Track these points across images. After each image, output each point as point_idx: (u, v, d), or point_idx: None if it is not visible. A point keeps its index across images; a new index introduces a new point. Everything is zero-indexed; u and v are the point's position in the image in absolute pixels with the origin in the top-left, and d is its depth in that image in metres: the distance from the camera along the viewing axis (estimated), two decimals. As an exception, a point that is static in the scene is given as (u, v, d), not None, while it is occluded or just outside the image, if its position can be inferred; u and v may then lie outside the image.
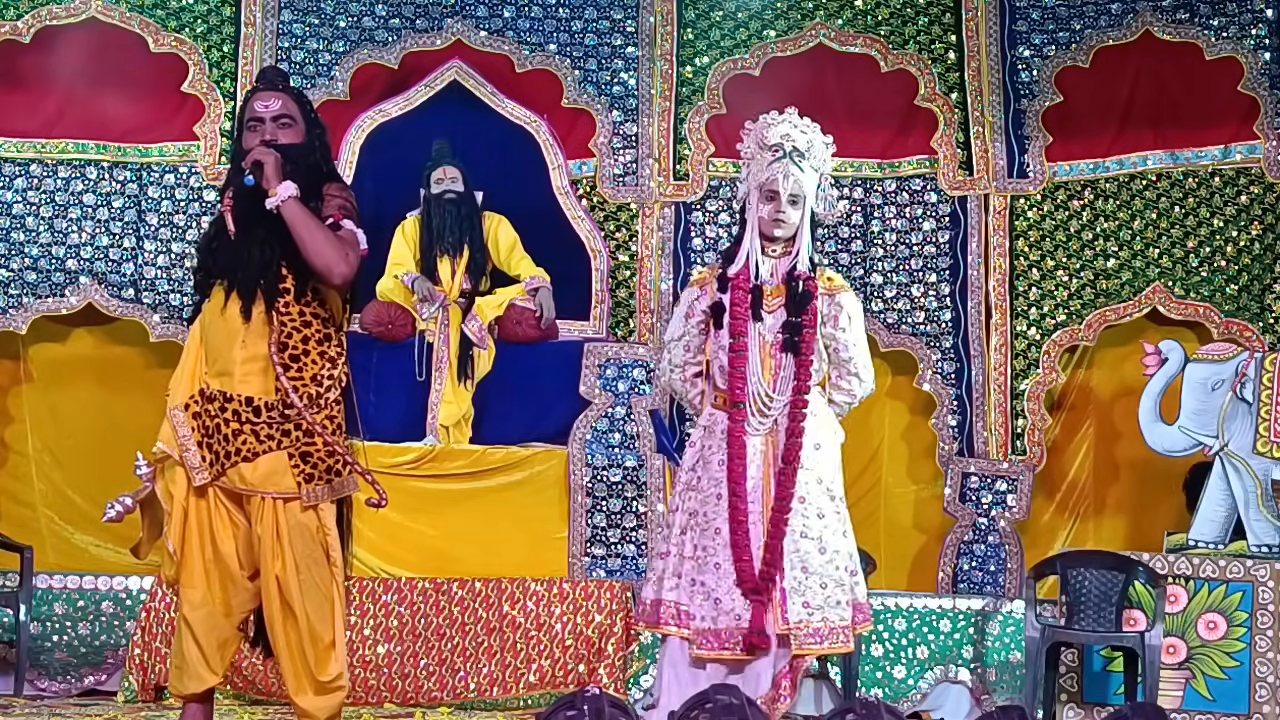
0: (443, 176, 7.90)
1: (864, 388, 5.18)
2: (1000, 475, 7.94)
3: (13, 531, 7.54)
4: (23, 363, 8.20)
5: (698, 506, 5.03)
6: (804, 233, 5.06)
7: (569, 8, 8.45)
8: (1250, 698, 6.55)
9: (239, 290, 4.62)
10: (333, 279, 4.60)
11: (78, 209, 8.10)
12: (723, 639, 4.92)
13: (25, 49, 8.10)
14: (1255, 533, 6.84)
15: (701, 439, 5.10)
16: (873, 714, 3.44)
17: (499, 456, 7.43)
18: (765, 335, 5.03)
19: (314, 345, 4.65)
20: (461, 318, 7.73)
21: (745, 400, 4.99)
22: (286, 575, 4.61)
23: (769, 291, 5.05)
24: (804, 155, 5.09)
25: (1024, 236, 8.14)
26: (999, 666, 7.15)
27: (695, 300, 5.16)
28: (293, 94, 4.82)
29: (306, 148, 4.75)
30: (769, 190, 5.04)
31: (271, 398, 4.60)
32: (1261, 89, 7.80)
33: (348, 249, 4.62)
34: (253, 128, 4.73)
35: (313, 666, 4.64)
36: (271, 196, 4.56)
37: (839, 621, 4.92)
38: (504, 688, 6.91)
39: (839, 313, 5.07)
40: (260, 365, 4.62)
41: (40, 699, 6.98)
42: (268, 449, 4.61)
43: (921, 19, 8.33)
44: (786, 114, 5.19)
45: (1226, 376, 7.02)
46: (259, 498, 4.63)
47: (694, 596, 4.97)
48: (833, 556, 4.94)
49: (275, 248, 4.59)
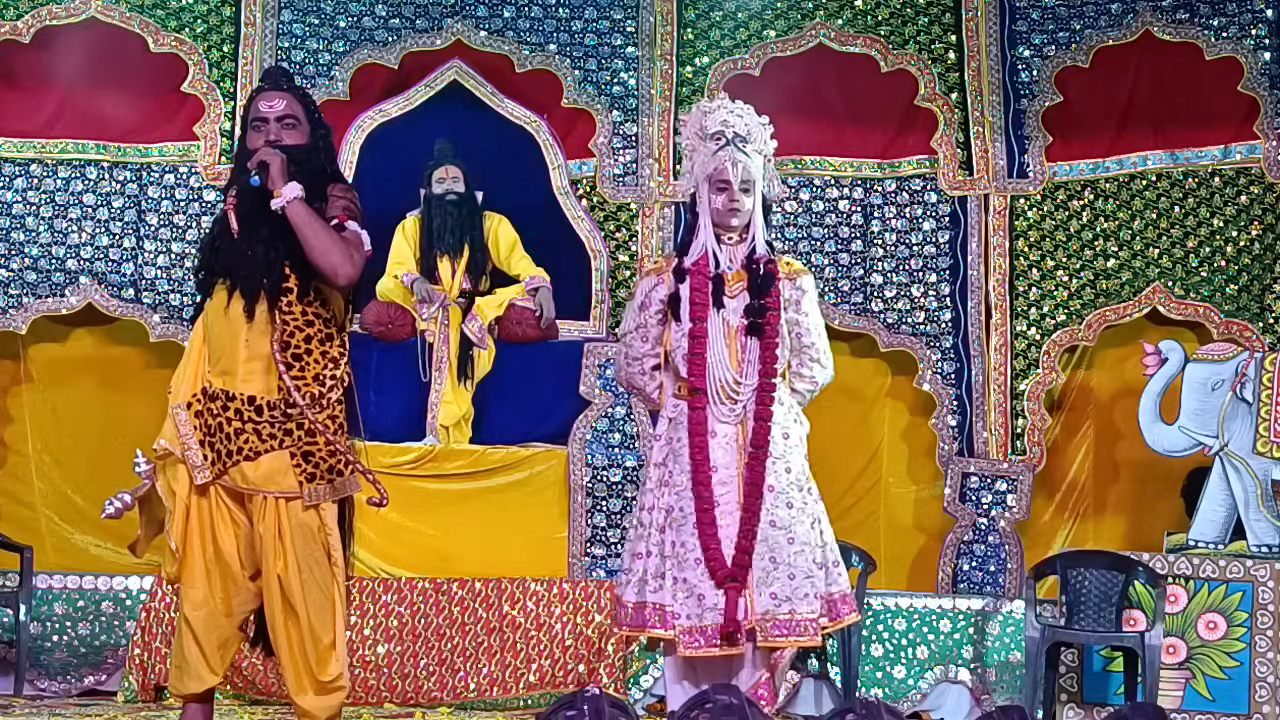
0: (445, 176, 7.90)
1: (825, 374, 5.11)
2: (1000, 475, 7.94)
3: (13, 531, 7.54)
4: (23, 363, 8.20)
5: (673, 501, 4.95)
6: (757, 217, 5.02)
7: (569, 8, 8.45)
8: (1250, 698, 6.56)
9: (242, 289, 4.63)
10: (338, 280, 4.61)
11: (78, 209, 8.10)
12: (709, 636, 4.85)
13: (25, 49, 8.09)
14: (1255, 533, 6.84)
15: (668, 431, 5.02)
16: (873, 714, 3.44)
17: (499, 456, 7.43)
18: (729, 320, 4.96)
19: (316, 345, 4.66)
20: (461, 318, 7.73)
21: (704, 387, 4.93)
22: (288, 575, 4.61)
23: (729, 278, 4.99)
24: (746, 140, 5.04)
25: (1024, 236, 8.14)
26: (999, 666, 7.15)
27: (652, 290, 5.07)
28: (297, 94, 4.82)
29: (311, 148, 4.76)
30: (719, 181, 4.99)
31: (274, 397, 4.61)
32: (1261, 89, 7.80)
33: (352, 250, 4.63)
34: (257, 128, 4.73)
35: (314, 666, 4.64)
36: (276, 197, 4.56)
37: (807, 613, 4.84)
38: (504, 688, 6.91)
39: (801, 296, 5.03)
40: (263, 364, 4.62)
41: (40, 699, 6.98)
42: (270, 448, 4.62)
43: (921, 19, 8.33)
44: (719, 100, 5.15)
45: (1226, 376, 7.02)
46: (261, 497, 4.64)
47: (676, 595, 4.89)
48: (802, 548, 4.87)
49: (279, 248, 4.60)
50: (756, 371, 4.95)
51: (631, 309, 5.13)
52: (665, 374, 5.11)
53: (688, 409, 4.97)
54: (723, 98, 5.19)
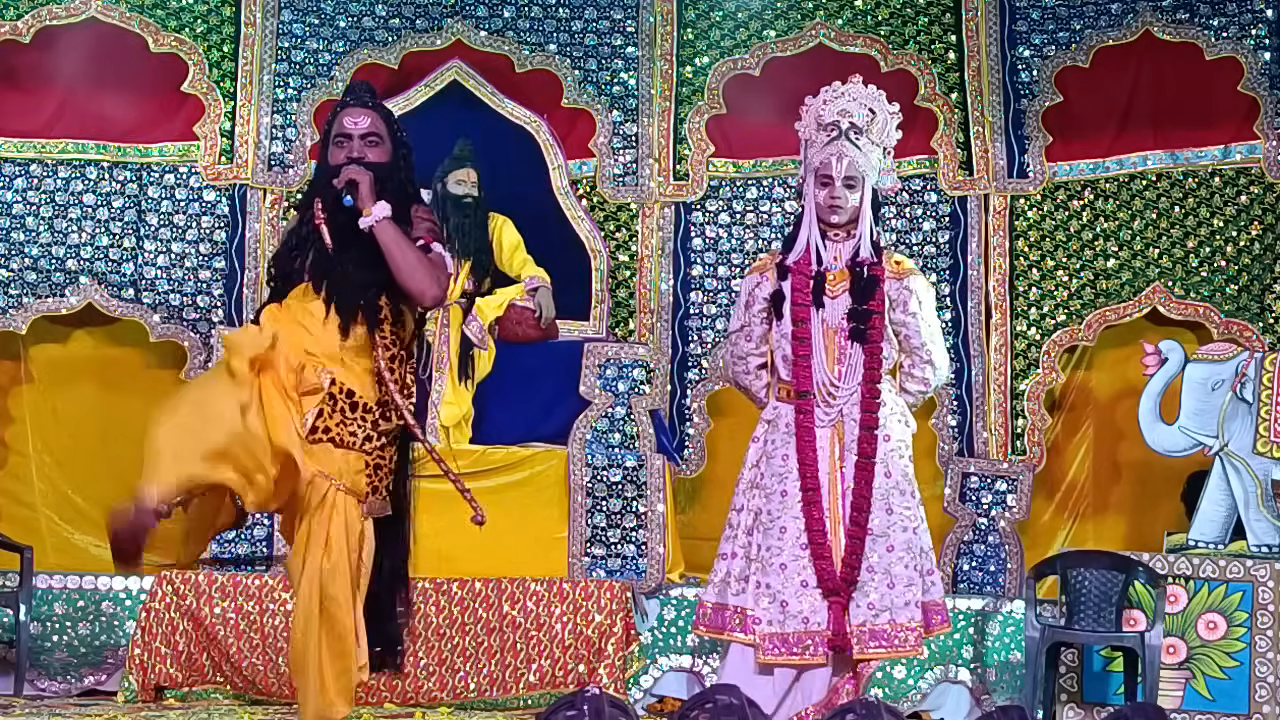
0: (464, 179, 7.88)
1: (939, 375, 4.96)
2: (1000, 475, 7.93)
3: (13, 531, 7.54)
4: (23, 363, 8.20)
5: (762, 504, 4.80)
6: (865, 214, 4.82)
7: (569, 8, 8.45)
8: (1250, 698, 6.55)
9: (339, 308, 4.57)
10: (425, 301, 4.61)
11: (78, 209, 8.10)
12: (790, 644, 4.69)
13: (25, 49, 8.09)
14: (1255, 533, 6.84)
15: (765, 434, 4.87)
16: (873, 714, 3.44)
17: (499, 456, 7.43)
18: (829, 320, 4.80)
19: (398, 366, 4.64)
20: (462, 318, 7.74)
21: (811, 390, 4.76)
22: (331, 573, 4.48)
23: (832, 277, 4.81)
24: (862, 132, 4.85)
25: (1024, 236, 8.14)
26: (999, 666, 7.14)
27: (755, 288, 4.92)
28: (381, 112, 4.79)
29: (393, 166, 4.72)
30: (823, 175, 4.82)
31: (371, 401, 4.58)
32: (1261, 89, 7.80)
33: (439, 272, 4.63)
34: (340, 144, 4.69)
35: (339, 667, 4.54)
36: (366, 216, 4.53)
37: (907, 623, 4.69)
38: (504, 688, 6.91)
39: (909, 297, 4.85)
40: (364, 369, 4.59)
41: (40, 699, 6.98)
42: (353, 445, 4.56)
43: (921, 19, 8.33)
44: (848, 86, 4.96)
45: (1226, 376, 7.01)
46: (329, 485, 4.52)
47: (759, 599, 4.74)
48: (901, 555, 4.73)
49: (376, 274, 4.56)
50: (858, 377, 4.78)
51: (737, 307, 4.99)
52: (769, 373, 4.95)
53: (792, 412, 4.81)
54: (855, 81, 4.95)
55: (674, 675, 7.17)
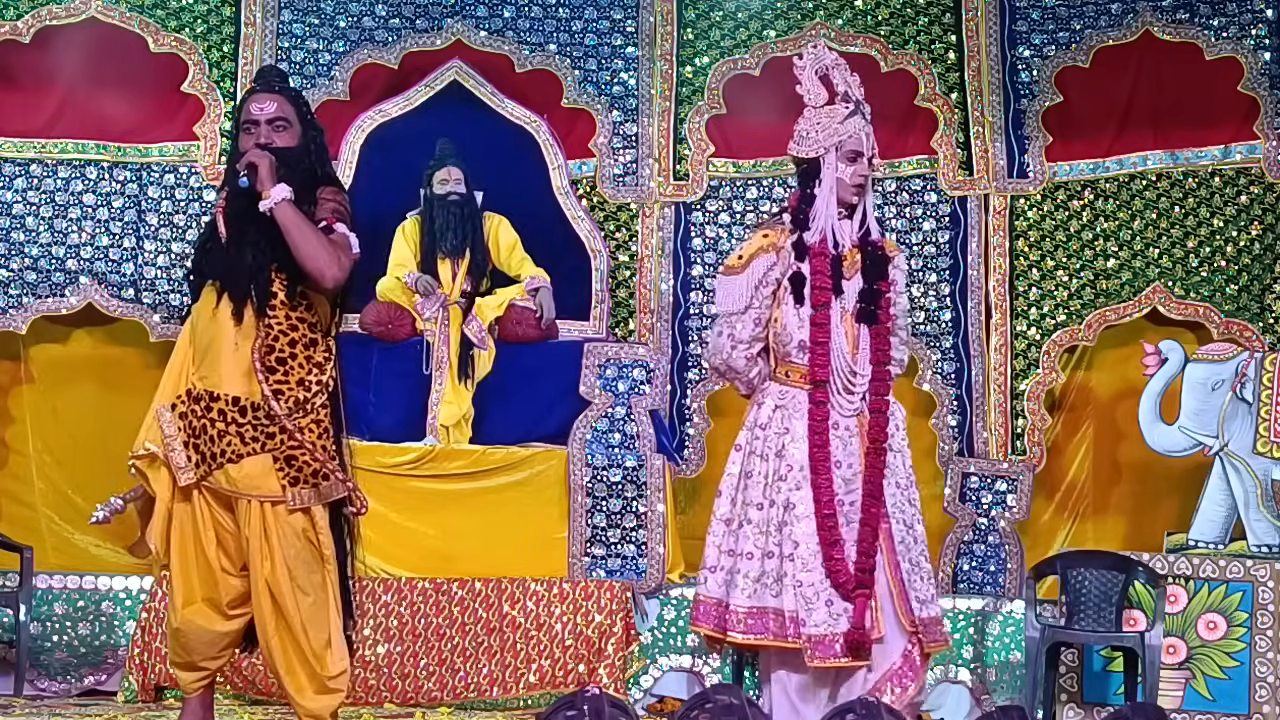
0: (447, 178, 7.89)
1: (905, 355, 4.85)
2: (1000, 475, 7.93)
3: (13, 531, 7.54)
4: (23, 363, 8.20)
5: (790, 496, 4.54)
6: (869, 191, 4.63)
7: (569, 8, 8.45)
8: (1250, 698, 6.56)
9: (230, 293, 4.63)
10: (324, 282, 4.61)
11: (78, 209, 8.10)
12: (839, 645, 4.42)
13: (25, 49, 8.09)
14: (1255, 533, 6.84)
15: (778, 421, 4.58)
16: (873, 714, 3.43)
17: (499, 456, 7.43)
18: (845, 305, 4.59)
19: (301, 350, 4.65)
20: (462, 318, 7.74)
21: (828, 379, 4.52)
22: (276, 578, 4.60)
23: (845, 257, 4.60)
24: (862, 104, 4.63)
25: (1024, 236, 8.14)
26: (999, 666, 7.15)
27: (770, 269, 4.60)
28: (289, 95, 4.82)
29: (301, 150, 4.75)
30: (851, 150, 4.55)
31: (258, 399, 4.60)
32: (1261, 89, 7.80)
33: (340, 252, 4.63)
34: (248, 130, 4.74)
35: (313, 665, 4.63)
36: (265, 199, 4.56)
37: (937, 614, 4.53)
38: (504, 688, 6.91)
39: (900, 277, 4.72)
40: (248, 367, 4.62)
41: (40, 699, 6.98)
42: (252, 451, 4.60)
43: (921, 19, 8.33)
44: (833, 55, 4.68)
45: (1226, 376, 7.02)
46: (245, 500, 4.63)
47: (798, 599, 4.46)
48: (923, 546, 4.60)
49: (267, 251, 4.60)
50: (869, 360, 4.59)
51: (742, 287, 4.63)
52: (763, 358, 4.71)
53: (806, 401, 4.56)
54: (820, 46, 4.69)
55: (674, 675, 7.17)
